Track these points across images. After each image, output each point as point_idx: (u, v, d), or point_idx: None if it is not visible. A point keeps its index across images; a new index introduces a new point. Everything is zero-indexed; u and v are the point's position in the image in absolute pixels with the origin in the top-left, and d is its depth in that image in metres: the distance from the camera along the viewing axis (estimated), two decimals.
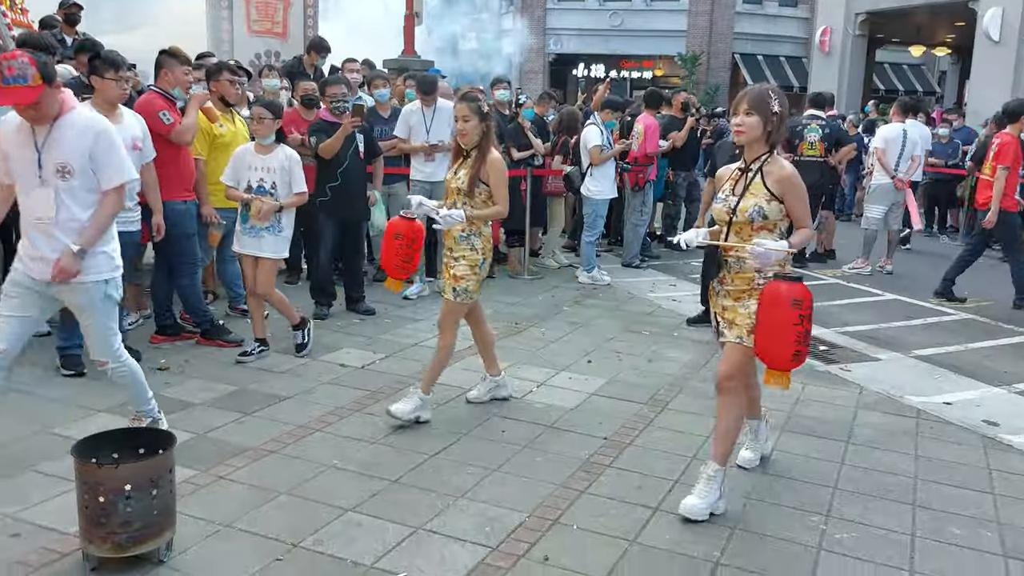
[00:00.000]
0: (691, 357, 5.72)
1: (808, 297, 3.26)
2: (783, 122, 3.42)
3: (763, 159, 3.44)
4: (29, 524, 3.19)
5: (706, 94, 24.86)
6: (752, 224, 3.42)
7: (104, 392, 4.55)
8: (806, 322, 3.28)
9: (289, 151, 5.33)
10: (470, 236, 4.37)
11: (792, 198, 3.41)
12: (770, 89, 3.42)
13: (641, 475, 3.84)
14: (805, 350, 3.34)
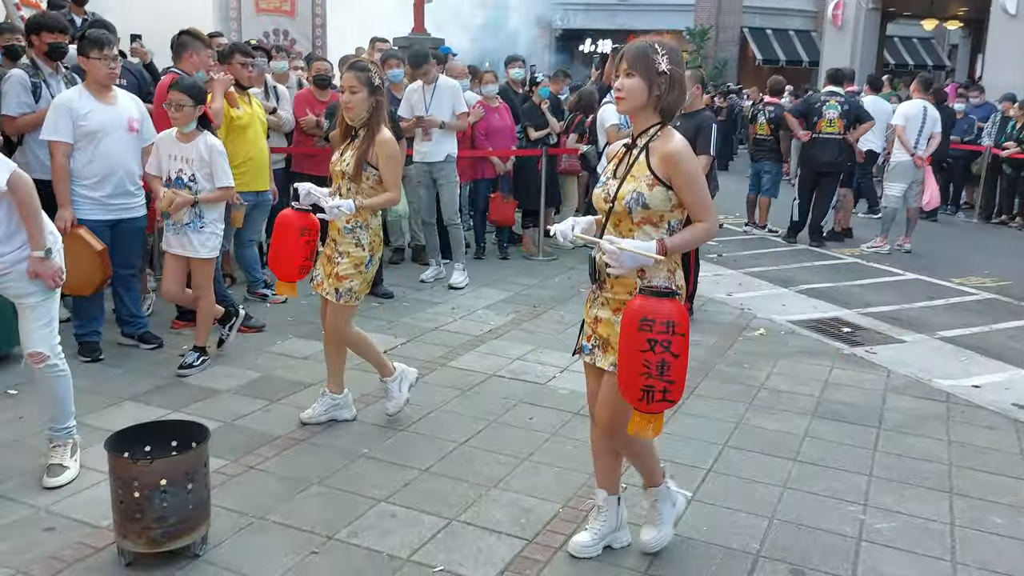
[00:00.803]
0: (715, 340, 5.67)
1: (671, 320, 2.52)
2: (678, 85, 2.71)
3: (652, 133, 2.75)
4: (62, 518, 3.16)
5: (714, 69, 24.63)
6: (631, 215, 2.73)
7: (128, 380, 4.52)
8: (661, 350, 2.53)
9: (211, 140, 4.66)
10: (355, 229, 3.87)
11: (682, 181, 2.68)
12: (656, 42, 2.72)
13: (672, 463, 3.79)
14: (661, 385, 2.55)
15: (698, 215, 2.74)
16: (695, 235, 2.77)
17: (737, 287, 7.25)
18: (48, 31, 4.95)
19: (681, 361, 2.59)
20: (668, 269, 2.74)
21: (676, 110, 2.78)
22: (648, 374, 2.55)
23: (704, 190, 2.74)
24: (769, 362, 5.25)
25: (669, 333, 2.52)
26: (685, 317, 2.59)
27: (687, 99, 6.12)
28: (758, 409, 4.48)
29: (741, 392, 4.71)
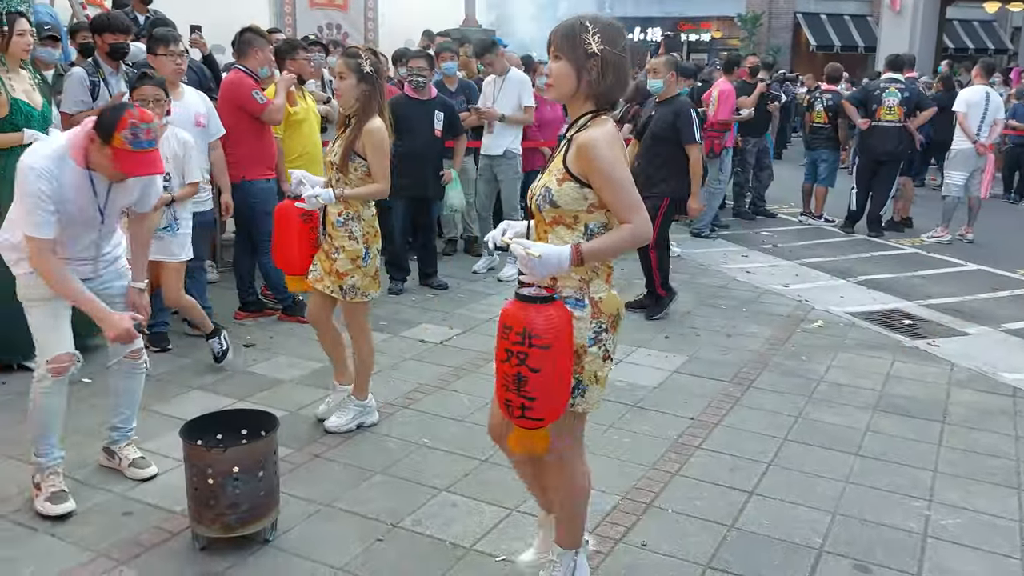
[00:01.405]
0: (771, 332, 5.61)
1: (527, 329, 2.22)
2: (612, 68, 2.33)
3: (583, 123, 2.39)
4: (139, 503, 3.28)
5: (767, 55, 24.20)
6: (542, 214, 2.43)
7: (195, 369, 4.65)
8: (516, 362, 2.24)
9: (182, 135, 4.45)
10: (347, 221, 3.74)
11: (597, 176, 2.30)
12: (587, 19, 2.35)
13: (733, 457, 3.79)
14: (519, 401, 2.28)
15: (622, 216, 2.33)
16: (617, 240, 2.34)
17: (794, 278, 7.16)
18: (110, 32, 5.10)
19: (544, 377, 2.25)
20: (581, 279, 2.39)
21: (614, 97, 2.42)
22: (507, 387, 2.31)
23: (627, 186, 2.32)
24: (828, 355, 5.18)
25: (524, 344, 2.23)
26: (553, 328, 2.24)
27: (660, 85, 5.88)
28: (818, 402, 4.43)
29: (800, 385, 4.67)
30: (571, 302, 2.38)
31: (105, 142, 2.86)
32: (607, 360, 2.46)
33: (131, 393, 3.47)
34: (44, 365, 3.10)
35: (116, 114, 2.86)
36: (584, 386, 2.43)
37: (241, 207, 5.31)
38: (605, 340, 2.43)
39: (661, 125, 5.88)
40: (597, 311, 2.39)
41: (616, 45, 2.34)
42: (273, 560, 2.93)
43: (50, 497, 3.12)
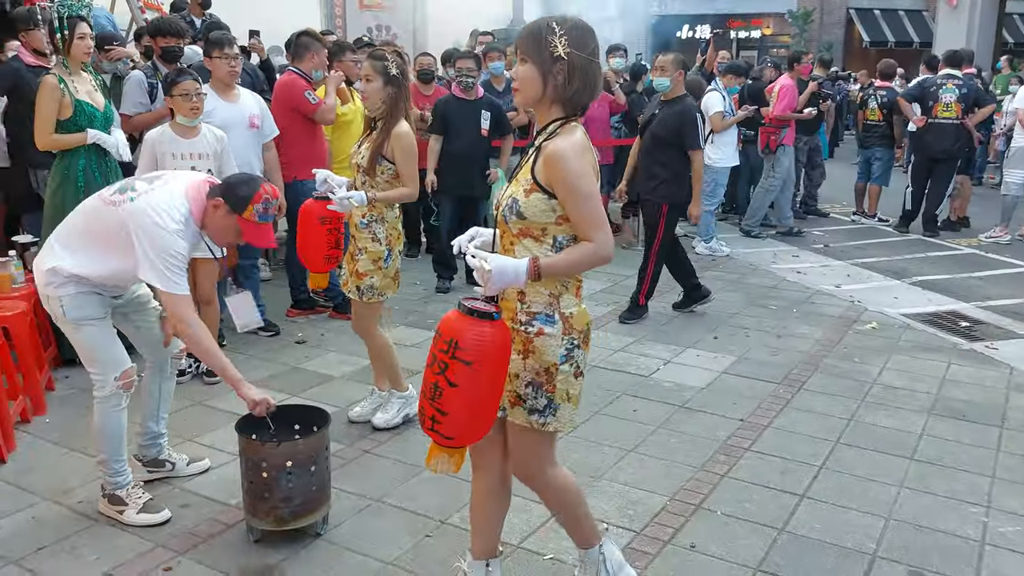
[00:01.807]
0: (823, 333, 5.53)
1: (454, 339, 2.10)
2: (579, 73, 2.21)
3: (551, 130, 2.28)
4: (196, 495, 3.36)
5: (818, 52, 23.78)
6: (508, 225, 2.31)
7: (249, 365, 4.75)
8: (437, 369, 2.14)
9: (218, 132, 4.46)
10: (371, 223, 3.75)
11: (562, 188, 2.20)
12: (555, 21, 2.23)
13: (783, 459, 3.74)
14: (431, 411, 2.18)
15: (584, 232, 2.23)
16: (576, 257, 2.24)
17: (846, 278, 7.03)
18: (163, 35, 5.25)
19: (460, 395, 2.12)
20: (550, 293, 2.28)
21: (582, 102, 2.28)
22: (424, 394, 2.21)
23: (592, 201, 2.20)
24: (882, 357, 5.08)
25: (448, 354, 2.12)
26: (481, 346, 2.10)
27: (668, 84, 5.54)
28: (871, 405, 4.35)
29: (853, 388, 4.59)
30: (541, 318, 2.28)
31: (235, 212, 2.96)
32: (579, 377, 2.37)
33: (170, 393, 3.49)
34: (112, 383, 3.08)
35: (251, 188, 2.97)
36: (556, 405, 2.33)
37: (293, 207, 5.38)
38: (577, 357, 2.33)
39: (665, 127, 5.58)
40: (568, 327, 2.29)
41: (584, 48, 2.23)
42: (324, 553, 2.98)
43: (143, 508, 3.16)
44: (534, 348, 2.29)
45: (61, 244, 3.04)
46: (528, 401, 2.32)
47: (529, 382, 2.31)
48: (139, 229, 2.86)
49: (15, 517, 3.19)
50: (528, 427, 2.36)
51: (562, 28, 2.21)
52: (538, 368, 2.30)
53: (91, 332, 3.05)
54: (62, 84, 4.25)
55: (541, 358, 2.29)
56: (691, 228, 8.73)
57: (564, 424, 2.38)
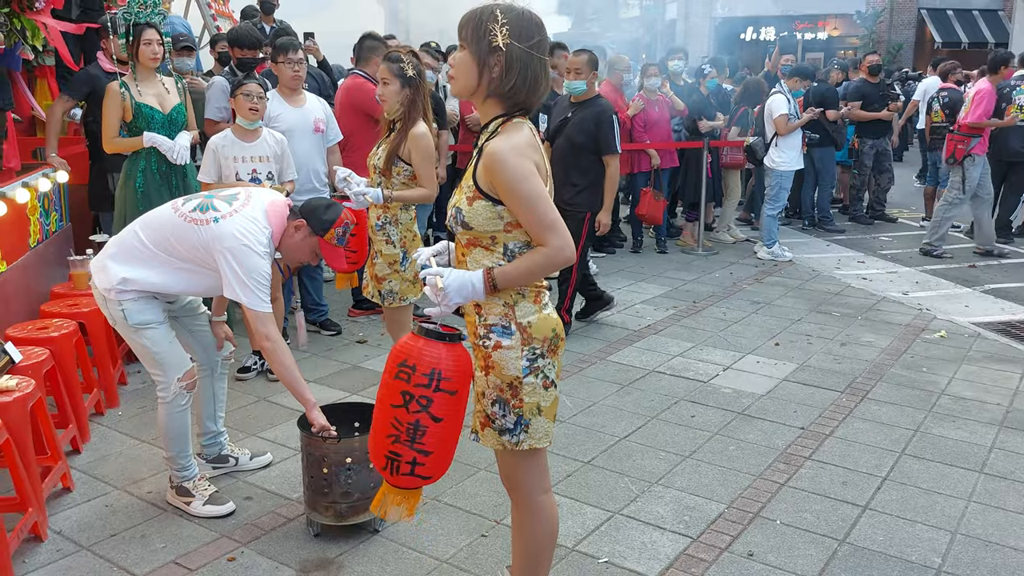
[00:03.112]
0: (889, 342, 5.39)
1: (437, 369, 2.02)
2: (519, 67, 2.05)
3: (492, 129, 2.13)
4: (259, 488, 3.46)
5: (888, 53, 23.19)
6: (459, 237, 2.20)
7: (312, 363, 4.85)
8: (416, 408, 2.01)
9: (277, 134, 4.56)
10: (385, 225, 3.74)
11: (504, 191, 2.05)
12: (499, 8, 2.06)
13: (845, 469, 3.66)
14: (410, 455, 2.06)
15: (536, 236, 2.08)
16: (530, 264, 2.08)
17: (914, 285, 6.85)
18: (239, 47, 5.40)
19: (445, 429, 2.03)
20: (504, 303, 2.14)
21: (520, 99, 2.10)
22: (396, 437, 2.04)
23: (538, 203, 2.03)
24: (951, 367, 4.93)
25: (431, 387, 2.00)
26: (463, 371, 2.05)
27: (583, 87, 5.14)
28: (939, 416, 4.23)
29: (919, 398, 4.47)
30: (497, 330, 2.14)
31: (318, 234, 3.10)
32: (549, 388, 2.19)
33: (224, 393, 3.60)
34: (176, 384, 3.16)
35: (335, 213, 3.10)
36: (526, 420, 2.17)
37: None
38: (543, 367, 2.17)
39: (580, 131, 5.20)
40: (527, 337, 2.13)
41: (526, 40, 2.05)
42: (382, 549, 3.04)
43: (209, 500, 3.26)
44: (493, 363, 2.14)
45: (129, 255, 3.08)
46: (496, 421, 2.17)
47: (495, 399, 2.17)
48: (227, 251, 2.94)
49: (89, 505, 3.33)
50: (502, 449, 2.22)
51: (505, 17, 2.05)
52: (500, 384, 2.15)
53: (153, 336, 3.12)
54: (123, 89, 4.40)
55: (502, 373, 2.14)
56: (753, 233, 8.63)
57: (539, 439, 2.20)
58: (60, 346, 3.69)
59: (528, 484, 2.30)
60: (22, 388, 3.07)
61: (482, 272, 2.09)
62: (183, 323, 3.37)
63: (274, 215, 3.09)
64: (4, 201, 3.97)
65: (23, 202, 4.22)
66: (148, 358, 3.17)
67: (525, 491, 2.31)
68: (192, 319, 3.40)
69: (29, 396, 3.08)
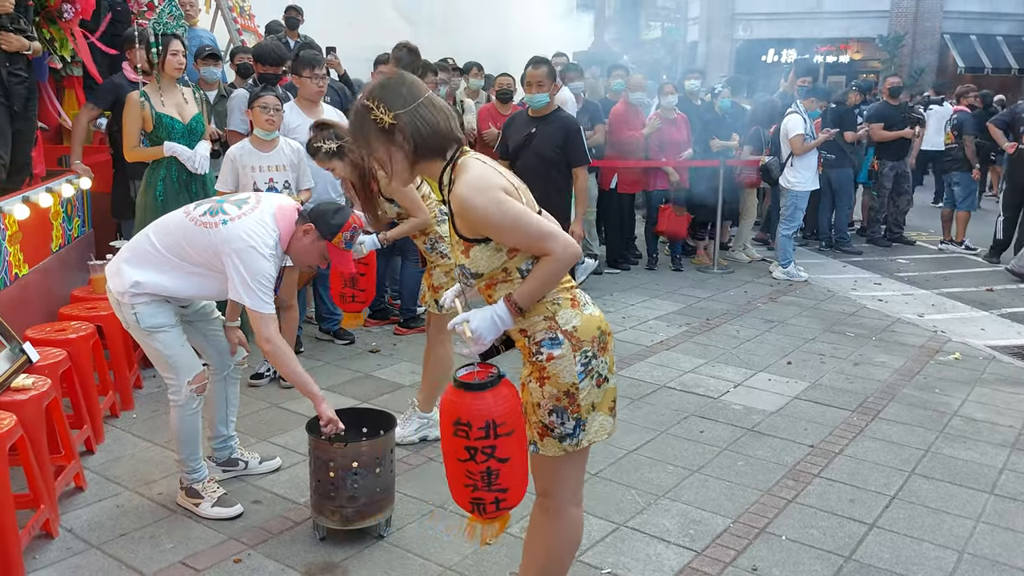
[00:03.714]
0: (903, 363, 5.36)
1: (491, 419, 2.10)
2: (419, 120, 2.10)
3: (447, 181, 2.19)
4: (268, 492, 3.49)
5: (910, 77, 23.11)
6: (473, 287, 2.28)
7: (325, 371, 4.90)
8: (483, 458, 2.11)
9: (294, 144, 4.60)
10: (434, 244, 3.83)
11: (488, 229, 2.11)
12: (364, 99, 2.14)
13: (853, 487, 3.65)
14: (491, 497, 2.17)
15: (538, 251, 2.11)
16: (544, 273, 2.11)
17: (930, 308, 6.81)
18: (262, 63, 5.50)
19: (514, 463, 2.13)
20: (545, 317, 2.17)
21: (446, 140, 2.14)
22: (474, 486, 2.14)
23: (521, 222, 2.06)
24: (964, 389, 4.90)
25: (490, 437, 2.08)
26: (512, 409, 2.10)
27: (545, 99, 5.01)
28: (950, 437, 4.21)
29: (931, 418, 4.44)
30: (547, 344, 2.16)
31: (326, 238, 3.14)
32: (601, 385, 2.24)
33: (236, 397, 3.64)
34: (186, 387, 3.21)
35: (343, 217, 3.15)
36: (584, 421, 2.21)
37: None
38: (596, 367, 2.21)
39: (548, 145, 5.12)
40: (577, 341, 2.17)
41: (405, 103, 2.10)
42: (387, 554, 3.06)
43: (218, 502, 3.30)
44: (549, 374, 2.17)
45: (142, 259, 3.13)
46: (555, 429, 2.19)
47: (552, 409, 2.18)
48: (234, 253, 2.99)
49: (101, 505, 3.37)
50: (564, 454, 2.23)
51: (372, 99, 2.11)
52: (557, 393, 2.17)
53: (165, 339, 3.17)
54: (143, 98, 4.50)
55: (558, 382, 2.17)
56: (769, 252, 8.62)
57: (596, 433, 2.25)
58: (77, 348, 3.75)
59: (564, 492, 2.32)
60: (38, 387, 3.14)
61: (503, 301, 2.13)
62: (197, 327, 3.42)
63: (282, 218, 3.14)
64: (28, 205, 4.06)
65: (46, 207, 4.32)
66: (160, 361, 3.22)
67: (558, 498, 2.32)
68: (206, 323, 3.45)
69: (44, 395, 3.14)
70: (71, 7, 4.89)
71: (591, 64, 9.63)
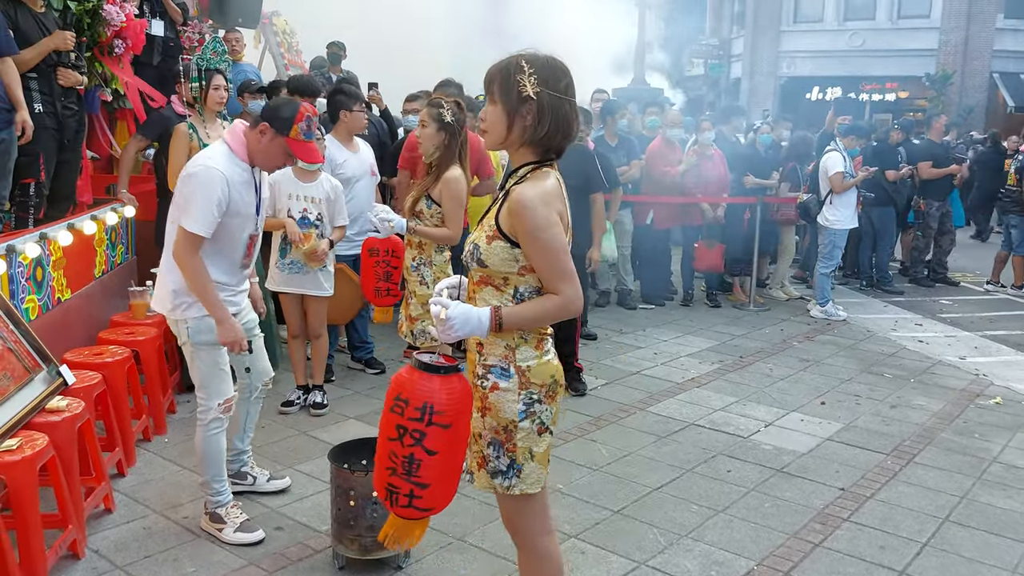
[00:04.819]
0: (942, 406, 5.23)
1: (430, 403, 2.01)
2: (550, 114, 2.09)
3: (521, 174, 2.18)
4: (290, 519, 3.52)
5: (959, 116, 22.77)
6: (472, 273, 2.24)
7: (354, 400, 4.94)
8: (410, 441, 2.01)
9: (334, 180, 4.65)
10: (420, 266, 3.84)
11: (524, 237, 2.08)
12: (524, 58, 2.11)
13: (884, 533, 3.55)
14: (407, 488, 2.06)
15: (550, 285, 2.11)
16: (542, 310, 2.11)
17: (972, 351, 6.64)
18: (300, 94, 5.64)
19: (441, 462, 2.03)
20: (506, 345, 2.15)
21: (554, 145, 2.15)
22: (393, 470, 2.05)
23: (558, 254, 2.07)
24: (1005, 434, 4.76)
25: (423, 421, 2.00)
26: (456, 404, 2.03)
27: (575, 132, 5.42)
28: (988, 484, 4.08)
29: (969, 464, 4.32)
30: (496, 371, 2.15)
31: (282, 134, 3.16)
32: (543, 433, 2.20)
33: (255, 416, 3.74)
34: (215, 408, 3.30)
35: (293, 109, 3.17)
36: (519, 465, 2.18)
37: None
38: (539, 412, 2.18)
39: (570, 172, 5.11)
40: (525, 381, 2.15)
41: (555, 86, 2.10)
42: None
43: (240, 527, 3.34)
44: (490, 404, 2.16)
45: (167, 263, 3.26)
46: (490, 463, 2.18)
47: (490, 441, 2.18)
48: (179, 183, 3.14)
49: (128, 526, 3.43)
50: (496, 492, 2.23)
51: (532, 66, 2.10)
52: (496, 426, 2.17)
53: (206, 358, 3.28)
54: (191, 130, 4.64)
55: (498, 415, 2.16)
56: (807, 291, 8.51)
57: (531, 485, 2.20)
58: (113, 372, 3.85)
59: (529, 527, 2.29)
60: (72, 409, 3.22)
61: (490, 310, 2.11)
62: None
63: (229, 135, 3.22)
64: (72, 232, 4.20)
65: (90, 233, 4.46)
66: (198, 379, 3.34)
67: (526, 534, 2.31)
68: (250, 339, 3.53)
69: (77, 417, 3.22)
70: (122, 43, 5.08)
71: (629, 101, 9.68)
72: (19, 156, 4.25)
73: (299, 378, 4.84)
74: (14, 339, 3.25)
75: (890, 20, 25.59)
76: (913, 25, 25.28)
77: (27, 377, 3.20)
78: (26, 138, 4.15)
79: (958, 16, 24.58)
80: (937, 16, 24.86)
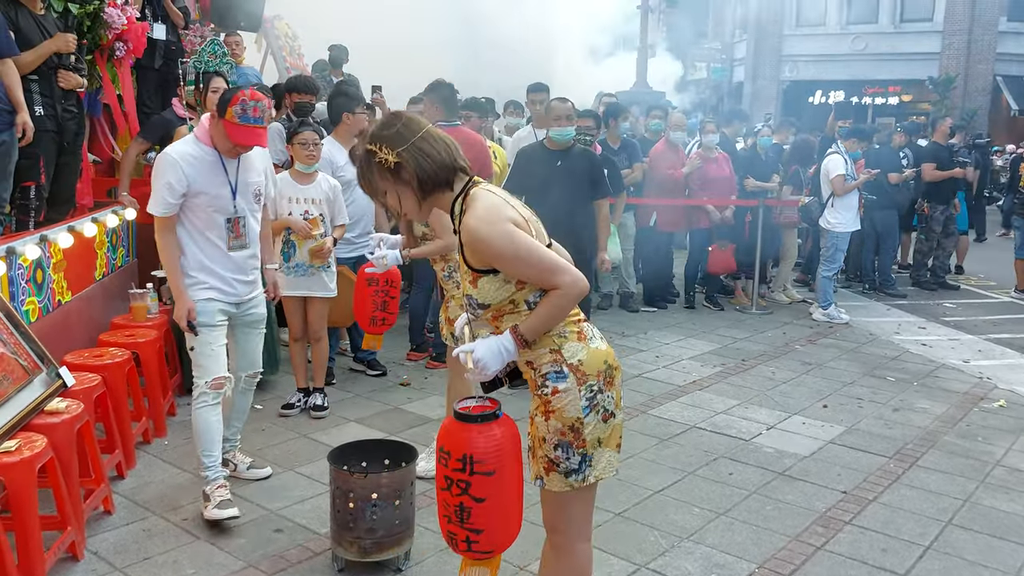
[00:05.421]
0: (944, 409, 5.21)
1: (469, 454, 2.06)
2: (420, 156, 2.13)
3: (457, 212, 2.21)
4: (289, 521, 3.51)
5: (962, 119, 22.74)
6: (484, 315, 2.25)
7: (354, 403, 4.94)
8: (457, 491, 2.08)
9: (332, 180, 4.73)
10: (452, 274, 3.82)
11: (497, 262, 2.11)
12: (365, 144, 2.20)
13: (886, 536, 3.54)
14: (463, 534, 2.13)
15: (546, 284, 2.12)
16: (551, 308, 2.12)
17: (976, 354, 6.61)
18: (297, 92, 5.65)
19: (491, 506, 2.06)
20: (551, 350, 2.17)
21: (451, 171, 2.17)
22: (448, 518, 2.11)
23: (532, 256, 2.08)
24: (1008, 437, 4.73)
25: (465, 471, 2.03)
26: (497, 450, 2.04)
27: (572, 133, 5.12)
28: (991, 488, 4.06)
29: (972, 467, 4.29)
30: (552, 377, 2.16)
31: (220, 116, 3.31)
32: (608, 420, 2.22)
33: (243, 409, 3.89)
34: (203, 384, 3.47)
35: (231, 93, 3.31)
36: (590, 456, 2.19)
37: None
38: (602, 401, 2.20)
39: (577, 177, 5.12)
40: (582, 376, 2.17)
41: (403, 140, 2.14)
42: None
43: (219, 504, 3.40)
44: (554, 408, 2.16)
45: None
46: (561, 464, 2.18)
47: (557, 443, 2.17)
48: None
49: (128, 528, 3.43)
50: (570, 490, 2.20)
51: (375, 142, 2.16)
52: (562, 428, 2.17)
53: (202, 338, 3.45)
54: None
55: (563, 416, 2.16)
56: (809, 294, 8.49)
57: (603, 470, 2.22)
58: (112, 374, 3.84)
59: (572, 529, 2.29)
60: (71, 411, 3.22)
61: (509, 332, 2.14)
62: (235, 331, 3.67)
63: (199, 127, 3.40)
64: (72, 235, 4.19)
65: (90, 236, 4.46)
66: (194, 356, 3.50)
67: (567, 535, 2.29)
68: (245, 330, 3.71)
69: (76, 419, 3.22)
70: (123, 45, 5.09)
71: (631, 104, 9.67)
72: (20, 159, 4.26)
73: (300, 381, 4.85)
74: (14, 341, 3.25)
75: (893, 24, 25.57)
76: (916, 28, 25.25)
77: (26, 379, 3.20)
78: (27, 139, 4.16)
79: (961, 19, 24.54)
80: (940, 19, 24.83)
